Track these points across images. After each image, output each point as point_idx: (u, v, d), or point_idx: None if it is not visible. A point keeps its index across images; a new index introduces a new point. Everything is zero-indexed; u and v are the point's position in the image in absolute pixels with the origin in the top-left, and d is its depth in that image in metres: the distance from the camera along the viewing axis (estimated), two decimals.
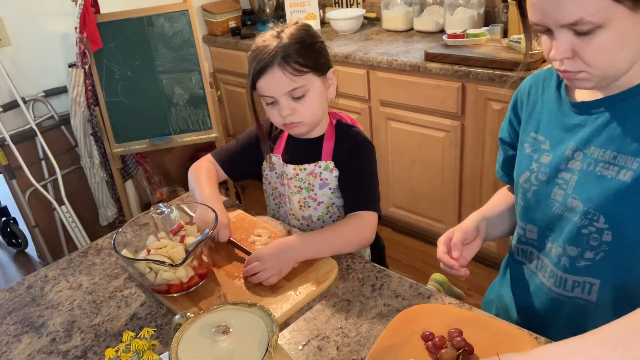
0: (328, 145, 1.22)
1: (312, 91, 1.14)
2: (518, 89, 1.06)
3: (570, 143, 0.90)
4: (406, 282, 1.02)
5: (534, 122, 0.99)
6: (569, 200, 0.89)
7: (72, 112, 2.41)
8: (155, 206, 1.13)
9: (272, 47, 1.10)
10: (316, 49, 1.15)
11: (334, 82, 1.20)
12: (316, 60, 1.13)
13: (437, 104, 2.10)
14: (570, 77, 0.81)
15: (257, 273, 1.03)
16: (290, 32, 1.13)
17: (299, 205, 1.23)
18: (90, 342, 0.96)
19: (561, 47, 0.77)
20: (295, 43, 1.11)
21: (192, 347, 0.68)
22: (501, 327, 0.87)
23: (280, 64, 1.09)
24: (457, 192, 2.24)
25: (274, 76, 1.11)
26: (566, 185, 0.90)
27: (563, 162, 0.91)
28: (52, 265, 1.22)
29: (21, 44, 2.43)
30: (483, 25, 2.34)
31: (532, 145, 0.98)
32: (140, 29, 2.37)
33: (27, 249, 2.94)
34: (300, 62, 1.10)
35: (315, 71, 1.13)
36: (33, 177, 2.38)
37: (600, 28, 0.73)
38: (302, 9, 2.87)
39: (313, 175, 1.21)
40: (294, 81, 1.11)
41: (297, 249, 1.07)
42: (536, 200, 0.95)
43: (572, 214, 0.89)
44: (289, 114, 1.15)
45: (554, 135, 0.94)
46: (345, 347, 0.89)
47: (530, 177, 0.96)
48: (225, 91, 3.21)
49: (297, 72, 1.10)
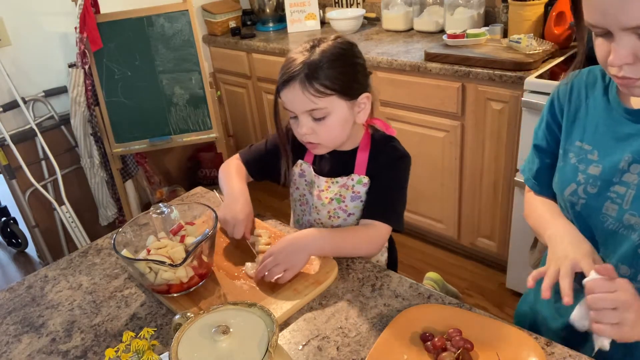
0: (362, 157, 1.16)
1: (334, 115, 1.07)
2: (554, 93, 0.98)
3: (624, 154, 0.83)
4: (406, 282, 1.02)
5: (579, 129, 0.92)
6: (625, 216, 0.82)
7: (72, 112, 2.41)
8: (155, 206, 1.13)
9: (300, 61, 1.04)
10: (348, 71, 1.06)
11: (367, 108, 1.11)
12: (344, 84, 1.05)
13: (437, 104, 2.10)
14: (629, 84, 0.75)
15: (270, 270, 1.03)
16: (324, 47, 1.05)
17: (329, 215, 1.19)
18: (90, 342, 0.96)
19: (622, 51, 0.71)
20: (325, 62, 1.03)
21: (192, 347, 0.68)
22: (501, 327, 0.87)
23: (302, 82, 1.03)
24: (457, 192, 2.24)
25: (295, 93, 1.05)
26: (621, 199, 0.83)
27: (616, 175, 0.83)
28: (52, 265, 1.22)
29: (21, 44, 2.42)
30: (483, 25, 2.34)
31: (578, 155, 0.90)
32: (140, 29, 2.37)
33: (27, 249, 2.94)
34: (324, 84, 1.03)
35: (342, 95, 1.06)
36: (33, 177, 2.38)
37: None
38: (302, 9, 2.87)
39: (345, 187, 1.16)
40: (314, 102, 1.04)
41: (310, 244, 1.07)
42: (586, 214, 0.88)
43: (630, 231, 0.82)
44: (307, 133, 1.09)
45: (603, 144, 0.87)
46: (345, 347, 0.89)
47: (577, 189, 0.89)
48: (225, 91, 3.21)
49: (319, 93, 1.03)
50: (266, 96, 2.93)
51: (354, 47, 1.10)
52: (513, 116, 1.90)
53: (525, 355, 0.81)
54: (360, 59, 1.10)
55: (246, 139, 3.26)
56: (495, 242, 2.22)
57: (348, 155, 1.17)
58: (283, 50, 2.64)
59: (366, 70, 1.11)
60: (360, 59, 1.10)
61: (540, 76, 1.78)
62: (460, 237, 2.35)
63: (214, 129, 2.50)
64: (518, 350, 0.82)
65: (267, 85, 2.88)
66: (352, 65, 1.07)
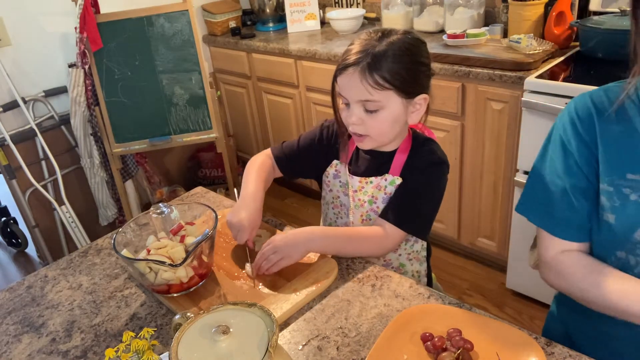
0: (400, 158, 1.12)
1: (387, 110, 1.03)
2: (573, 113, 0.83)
3: None
4: (406, 282, 1.02)
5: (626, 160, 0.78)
6: None
7: (72, 112, 2.41)
8: (155, 206, 1.13)
9: (364, 49, 1.01)
10: (411, 69, 1.02)
11: (421, 110, 1.07)
12: (405, 80, 1.02)
13: (437, 104, 2.10)
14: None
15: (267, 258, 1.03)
16: (393, 40, 1.02)
17: (361, 219, 1.16)
18: (90, 342, 0.96)
19: None
20: (391, 55, 1.00)
21: (192, 347, 0.68)
22: (501, 327, 0.87)
23: (363, 71, 1.00)
24: (457, 192, 2.24)
25: (352, 80, 1.02)
26: None
27: None
28: (52, 265, 1.22)
29: (21, 44, 2.43)
30: (483, 25, 2.34)
31: (637, 191, 0.77)
32: (140, 29, 2.37)
33: (27, 249, 2.94)
34: (384, 77, 1.00)
35: (400, 91, 1.02)
36: (33, 177, 2.38)
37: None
38: (302, 9, 2.87)
39: (378, 188, 1.13)
40: (370, 93, 1.01)
41: (311, 241, 1.06)
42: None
43: None
44: (356, 123, 1.06)
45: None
46: (345, 347, 0.89)
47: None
48: (225, 91, 3.21)
49: (378, 85, 1.00)
50: (266, 96, 2.93)
51: (423, 45, 1.06)
52: (513, 116, 1.90)
53: (525, 355, 0.81)
54: (426, 59, 1.06)
55: (246, 139, 3.26)
56: (495, 242, 2.22)
57: (386, 157, 1.14)
58: (283, 50, 2.65)
59: (430, 72, 1.07)
60: (426, 59, 1.06)
61: (540, 76, 1.78)
62: (460, 237, 2.35)
63: (214, 129, 2.50)
64: (518, 350, 0.82)
65: (267, 85, 2.88)
66: (417, 63, 1.04)
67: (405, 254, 1.19)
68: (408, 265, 1.21)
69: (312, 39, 2.72)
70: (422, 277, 1.22)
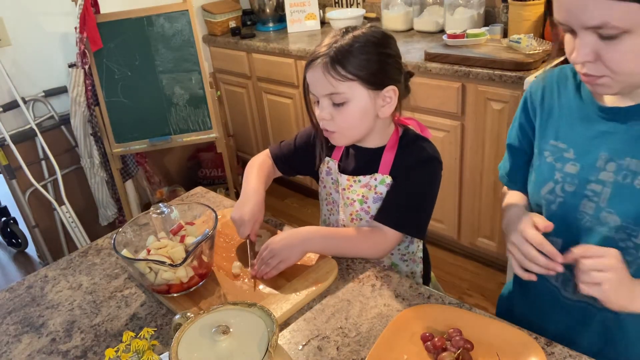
0: (388, 157, 1.12)
1: (353, 102, 1.04)
2: (527, 92, 1.00)
3: (600, 152, 0.84)
4: (406, 282, 1.02)
5: (552, 128, 0.93)
6: (602, 214, 0.84)
7: (72, 112, 2.41)
8: (155, 206, 1.13)
9: (329, 43, 1.03)
10: (375, 60, 1.02)
11: (392, 103, 1.07)
12: (368, 71, 1.02)
13: (437, 104, 2.10)
14: (592, 81, 0.77)
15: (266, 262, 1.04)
16: (357, 34, 1.03)
17: (351, 217, 1.16)
18: (90, 342, 0.96)
19: (583, 50, 0.74)
20: (354, 47, 1.01)
21: (192, 347, 0.68)
22: (501, 327, 0.87)
23: (325, 64, 1.01)
24: (457, 192, 2.24)
25: (316, 73, 1.03)
26: (597, 197, 0.84)
27: (593, 173, 0.85)
28: (52, 265, 1.22)
29: (21, 44, 2.43)
30: (483, 25, 2.34)
31: (554, 154, 0.91)
32: (140, 29, 2.37)
33: (27, 249, 2.94)
34: (346, 68, 1.01)
35: (365, 82, 1.02)
36: (33, 177, 2.38)
37: (627, 33, 0.69)
38: (302, 9, 2.87)
39: (367, 187, 1.12)
40: (333, 85, 1.02)
41: (308, 240, 1.07)
42: (563, 213, 0.89)
43: (605, 228, 0.84)
44: (325, 118, 1.06)
45: (579, 142, 0.88)
46: (345, 347, 0.89)
47: (554, 188, 0.90)
48: (225, 91, 3.21)
49: (340, 76, 1.01)
50: (266, 96, 2.93)
51: (388, 38, 1.06)
52: (513, 116, 1.90)
53: (525, 355, 0.81)
54: (392, 51, 1.06)
55: (246, 139, 3.26)
56: (495, 242, 2.22)
57: (374, 154, 1.13)
58: (283, 50, 2.64)
59: (398, 64, 1.07)
60: (391, 51, 1.06)
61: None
62: (460, 237, 2.35)
63: (214, 129, 2.50)
64: (518, 350, 0.82)
65: (267, 85, 2.88)
66: (381, 54, 1.03)
67: (398, 254, 1.19)
68: (402, 265, 1.21)
69: (312, 39, 2.72)
70: (417, 277, 1.22)
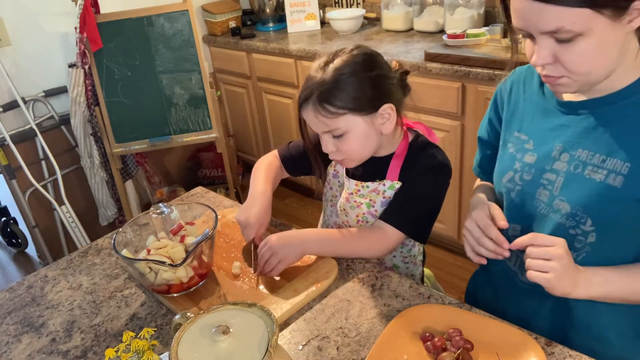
0: (396, 164, 1.12)
1: (352, 132, 1.04)
2: (498, 88, 1.06)
3: (555, 143, 0.90)
4: (406, 282, 1.02)
5: (517, 121, 0.98)
6: (555, 201, 0.89)
7: (72, 112, 2.41)
8: (155, 206, 1.13)
9: (312, 82, 1.02)
10: (361, 87, 1.01)
11: (392, 118, 1.06)
12: (357, 100, 1.01)
13: (437, 104, 2.10)
14: (552, 82, 0.83)
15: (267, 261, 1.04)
16: (337, 65, 1.02)
17: (357, 219, 1.16)
18: (90, 342, 0.96)
19: (542, 53, 0.79)
20: (336, 81, 1.00)
21: (192, 347, 0.68)
22: (501, 327, 0.87)
23: (314, 105, 1.02)
24: (457, 192, 2.24)
25: (309, 115, 1.05)
26: (551, 186, 0.90)
27: (548, 163, 0.90)
28: (52, 265, 1.22)
29: (21, 44, 2.43)
30: (483, 25, 2.34)
31: (516, 145, 0.97)
32: (140, 29, 2.37)
33: (27, 249, 2.94)
34: (335, 105, 1.01)
35: (358, 112, 1.02)
36: (33, 177, 2.38)
37: (581, 36, 0.74)
38: (302, 9, 2.87)
39: (376, 192, 1.12)
40: (327, 124, 1.03)
41: (306, 242, 1.07)
42: (521, 200, 0.95)
43: (557, 215, 0.89)
44: (332, 150, 1.08)
45: (538, 134, 0.94)
46: (345, 347, 0.89)
47: (514, 176, 0.96)
48: (225, 91, 3.21)
49: (332, 114, 1.01)
50: (266, 96, 2.93)
51: (371, 57, 1.05)
52: None
53: (525, 355, 0.81)
54: (379, 70, 1.04)
55: (246, 139, 3.26)
56: None
57: (383, 161, 1.14)
58: (283, 50, 2.65)
59: (389, 80, 1.06)
60: (377, 70, 1.04)
61: None
62: (460, 237, 2.35)
63: (214, 129, 2.50)
64: (518, 350, 0.82)
65: (267, 85, 2.88)
66: (368, 79, 1.02)
67: (400, 256, 1.19)
68: (403, 267, 1.21)
69: (312, 39, 2.72)
70: (416, 280, 1.23)
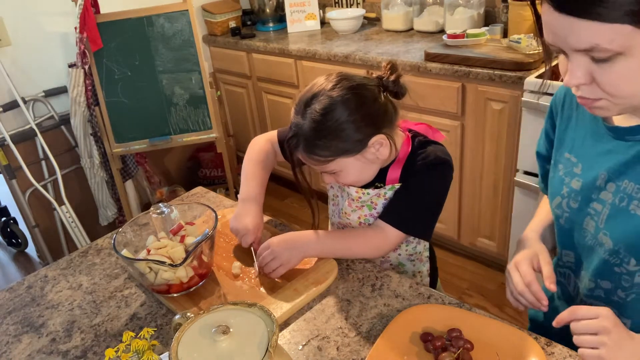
0: (396, 167, 1.11)
1: (346, 169, 1.05)
2: (553, 98, 0.96)
3: (601, 171, 0.82)
4: (406, 282, 1.02)
5: (569, 140, 0.91)
6: (600, 234, 0.83)
7: (72, 112, 2.41)
8: (155, 206, 1.13)
9: (297, 128, 1.01)
10: (347, 132, 0.99)
11: (385, 145, 1.03)
12: (344, 146, 1.00)
13: (437, 104, 2.10)
14: (588, 104, 0.73)
15: (267, 264, 1.04)
16: (317, 109, 0.99)
17: (359, 221, 1.15)
18: (90, 342, 0.96)
19: (576, 72, 0.69)
20: (318, 130, 0.99)
21: (192, 347, 0.68)
22: (501, 327, 0.87)
23: (303, 154, 1.03)
24: (457, 192, 2.24)
25: (304, 159, 1.05)
26: (597, 217, 0.83)
27: (595, 192, 0.83)
28: (52, 265, 1.22)
29: (21, 44, 2.43)
30: (483, 25, 2.34)
31: (566, 167, 0.90)
32: (140, 29, 2.37)
33: (27, 249, 2.94)
34: (322, 154, 1.01)
35: (345, 154, 1.02)
36: (33, 177, 2.38)
37: (621, 55, 0.64)
38: (302, 9, 2.87)
39: (377, 195, 1.11)
40: (320, 167, 1.05)
41: (307, 245, 1.07)
42: (570, 228, 0.90)
43: (602, 250, 0.83)
44: (332, 182, 1.12)
45: (587, 158, 0.86)
46: (345, 347, 0.89)
47: (561, 202, 0.90)
48: (225, 91, 3.21)
49: (321, 162, 1.03)
50: (266, 96, 2.93)
51: (354, 94, 1.00)
52: (513, 116, 1.90)
53: (525, 355, 0.81)
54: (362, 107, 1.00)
55: (246, 139, 3.25)
56: (495, 242, 2.22)
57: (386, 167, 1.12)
58: (283, 50, 2.65)
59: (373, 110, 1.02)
60: (362, 108, 1.00)
61: (540, 76, 1.78)
62: (460, 237, 2.35)
63: (214, 129, 2.50)
64: (518, 350, 0.82)
65: (267, 85, 2.88)
66: (350, 122, 0.99)
67: (405, 254, 1.19)
68: (408, 265, 1.20)
69: (312, 39, 2.72)
70: (424, 277, 1.22)
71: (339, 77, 1.03)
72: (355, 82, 1.02)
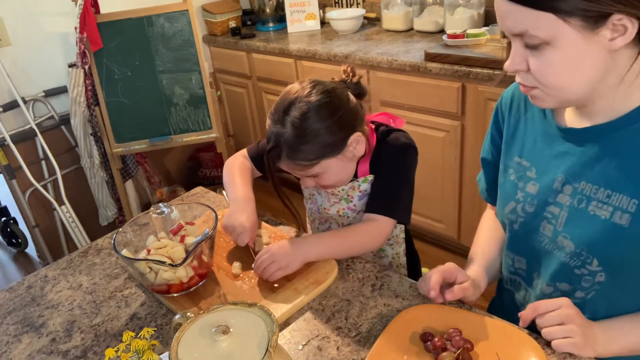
0: (365, 160, 1.15)
1: (328, 171, 1.09)
2: (498, 102, 0.97)
3: (558, 174, 0.83)
4: (406, 282, 1.02)
5: (518, 144, 0.91)
6: (559, 238, 0.83)
7: (72, 112, 2.41)
8: (155, 206, 1.13)
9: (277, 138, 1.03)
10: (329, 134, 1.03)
11: (361, 142, 1.08)
12: (327, 147, 1.05)
13: (437, 104, 2.10)
14: (526, 91, 0.77)
15: (265, 267, 1.04)
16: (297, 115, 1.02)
17: (338, 214, 1.20)
18: (90, 342, 0.96)
19: (515, 58, 0.74)
20: (301, 135, 1.02)
21: (192, 347, 0.68)
22: (501, 327, 0.87)
23: (286, 160, 1.06)
24: (457, 192, 2.24)
25: (287, 166, 1.09)
26: (555, 220, 0.84)
27: (551, 195, 0.84)
28: (52, 265, 1.22)
29: (21, 44, 2.43)
30: (483, 25, 2.34)
31: (517, 172, 0.90)
32: (140, 29, 2.37)
33: (27, 249, 2.94)
34: (307, 158, 1.05)
35: (327, 156, 1.06)
36: (33, 177, 2.38)
37: (549, 45, 0.68)
38: (302, 9, 2.87)
39: (352, 188, 1.16)
40: (305, 172, 1.09)
41: (306, 249, 1.07)
42: (524, 233, 0.90)
43: (562, 253, 0.84)
44: (312, 185, 1.15)
45: (540, 161, 0.86)
46: (345, 347, 0.89)
47: (516, 207, 0.90)
48: (225, 91, 3.21)
49: (304, 166, 1.07)
50: (266, 96, 2.93)
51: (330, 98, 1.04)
52: None
53: (525, 355, 0.81)
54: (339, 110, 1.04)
55: (246, 139, 3.26)
56: None
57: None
58: (283, 50, 2.65)
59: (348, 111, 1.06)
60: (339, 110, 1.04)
61: None
62: (460, 237, 2.35)
63: (214, 129, 2.50)
64: (518, 350, 0.82)
65: (267, 85, 2.88)
66: (331, 125, 1.03)
67: None
68: (388, 249, 1.24)
69: (312, 39, 2.72)
70: (401, 257, 1.25)
71: (312, 82, 1.07)
72: (328, 86, 1.07)
